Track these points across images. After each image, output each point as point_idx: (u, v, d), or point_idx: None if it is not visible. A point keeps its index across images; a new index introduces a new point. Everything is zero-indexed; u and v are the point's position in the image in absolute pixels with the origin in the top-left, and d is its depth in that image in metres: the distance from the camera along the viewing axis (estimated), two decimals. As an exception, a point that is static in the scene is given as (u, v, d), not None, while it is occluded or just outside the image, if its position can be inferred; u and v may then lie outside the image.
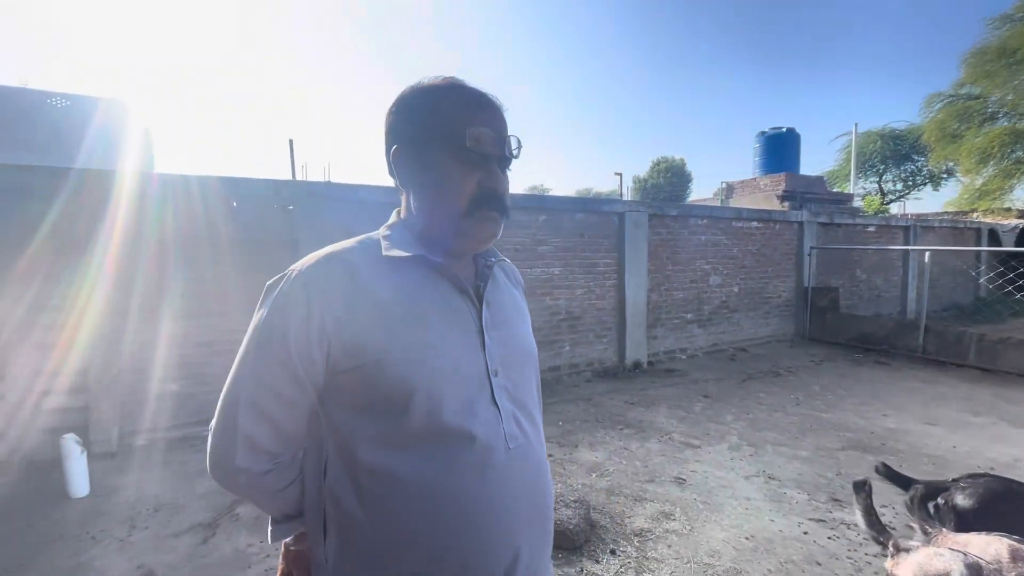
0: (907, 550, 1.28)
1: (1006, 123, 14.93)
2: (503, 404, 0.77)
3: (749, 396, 4.87)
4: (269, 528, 0.82)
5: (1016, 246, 10.11)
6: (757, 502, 2.84)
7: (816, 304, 7.62)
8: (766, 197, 9.59)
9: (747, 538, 2.49)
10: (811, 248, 7.73)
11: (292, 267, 0.74)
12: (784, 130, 11.83)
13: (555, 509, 2.54)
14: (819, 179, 10.72)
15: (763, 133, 12.05)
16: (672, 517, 2.69)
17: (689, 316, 6.62)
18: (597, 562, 2.31)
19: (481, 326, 0.78)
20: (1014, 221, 11.74)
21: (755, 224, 7.28)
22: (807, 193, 9.52)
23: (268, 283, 0.74)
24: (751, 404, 4.61)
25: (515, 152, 0.78)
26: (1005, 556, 1.26)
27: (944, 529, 1.47)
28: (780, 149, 11.61)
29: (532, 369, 0.89)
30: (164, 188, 3.77)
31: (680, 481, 3.10)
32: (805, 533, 2.53)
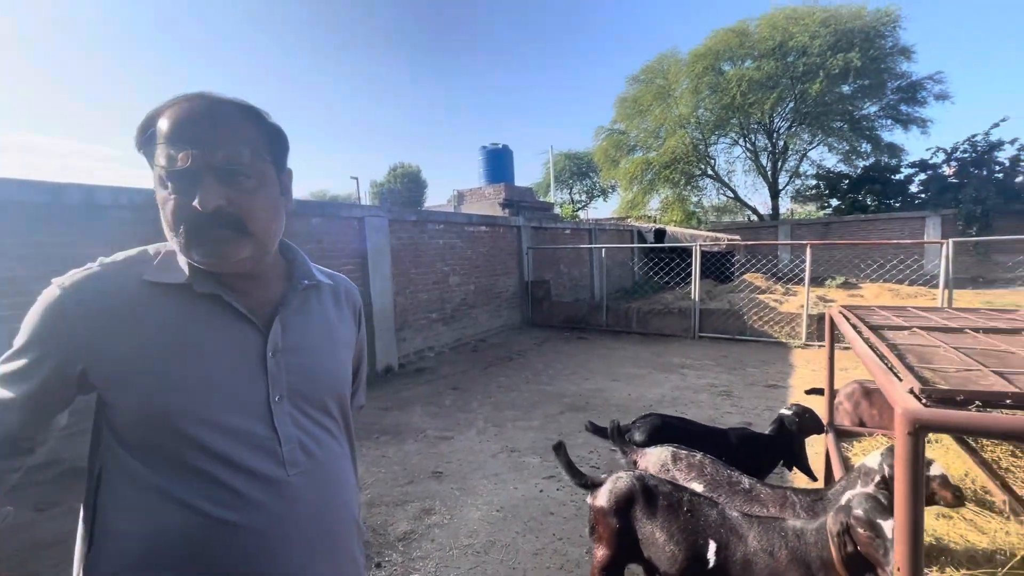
0: (600, 484, 1.70)
1: (641, 154, 20.72)
2: (286, 431, 0.76)
3: (491, 381, 5.44)
4: None
5: (654, 243, 14.04)
6: (503, 475, 3.21)
7: (535, 295, 9.04)
8: (491, 204, 10.83)
9: (497, 510, 2.79)
10: (528, 248, 9.12)
11: (60, 280, 0.72)
12: (501, 146, 13.59)
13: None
14: (529, 190, 12.72)
15: (484, 147, 13.59)
16: (433, 511, 2.80)
17: (434, 315, 6.98)
18: (363, 581, 2.23)
19: (265, 352, 0.76)
20: (651, 225, 16.34)
21: (484, 228, 8.16)
22: (521, 202, 11.16)
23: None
24: (493, 389, 5.17)
25: (230, 161, 0.70)
26: (669, 459, 1.88)
27: (635, 447, 2.12)
28: (499, 162, 13.30)
29: (331, 392, 0.86)
30: None
31: (438, 475, 3.25)
32: (540, 491, 2.99)
